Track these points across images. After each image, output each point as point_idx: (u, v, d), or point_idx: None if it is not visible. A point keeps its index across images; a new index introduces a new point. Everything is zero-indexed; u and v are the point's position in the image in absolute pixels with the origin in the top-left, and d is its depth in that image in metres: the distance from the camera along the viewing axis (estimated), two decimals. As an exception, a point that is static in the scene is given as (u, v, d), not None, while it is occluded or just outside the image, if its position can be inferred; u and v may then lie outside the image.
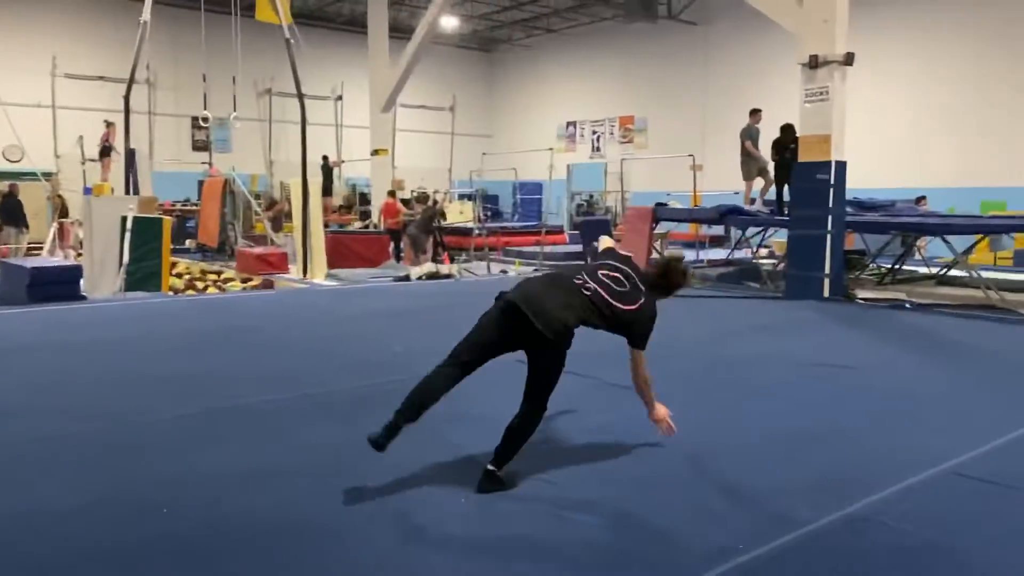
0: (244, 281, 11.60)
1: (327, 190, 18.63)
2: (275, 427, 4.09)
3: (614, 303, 3.33)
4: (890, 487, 3.21)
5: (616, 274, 3.45)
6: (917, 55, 17.00)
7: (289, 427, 4.08)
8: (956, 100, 16.37)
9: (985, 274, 9.50)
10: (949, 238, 9.58)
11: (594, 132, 24.83)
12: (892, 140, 16.97)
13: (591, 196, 24.12)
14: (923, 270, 11.76)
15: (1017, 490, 3.19)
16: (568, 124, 25.52)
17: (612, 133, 24.26)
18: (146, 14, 11.54)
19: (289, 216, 14.31)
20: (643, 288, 3.46)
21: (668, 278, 3.52)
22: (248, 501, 3.09)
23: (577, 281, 3.37)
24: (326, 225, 16.09)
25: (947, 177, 16.24)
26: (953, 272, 11.13)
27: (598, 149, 24.66)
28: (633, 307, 3.38)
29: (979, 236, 11.15)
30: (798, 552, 2.66)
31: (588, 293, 3.33)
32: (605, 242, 3.90)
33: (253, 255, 12.36)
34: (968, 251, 10.84)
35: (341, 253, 12.51)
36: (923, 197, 14.89)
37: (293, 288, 10.73)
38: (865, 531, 2.82)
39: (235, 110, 16.21)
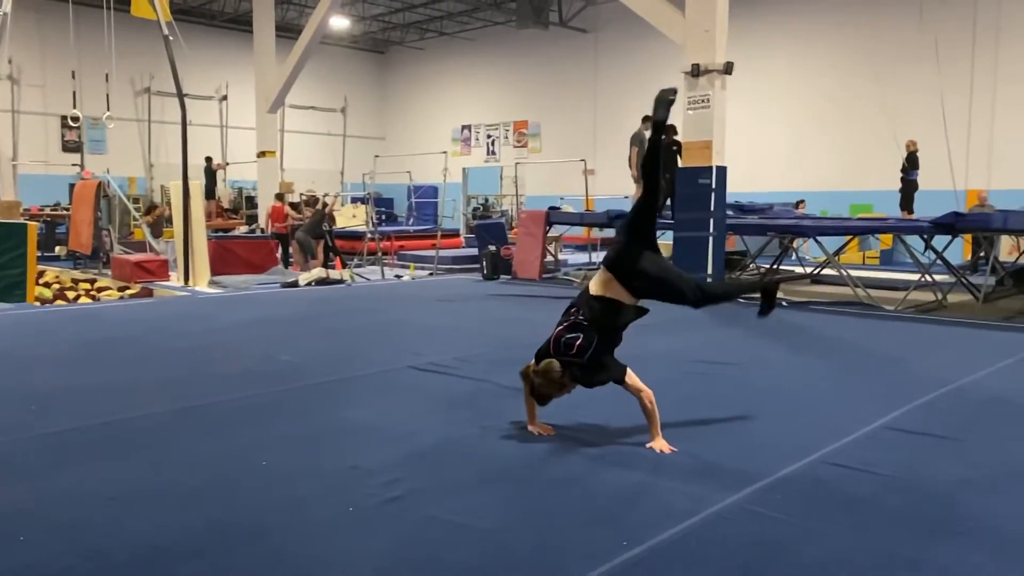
0: (121, 290, 10.98)
1: (210, 193, 17.96)
2: (151, 443, 3.86)
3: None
4: (766, 478, 3.34)
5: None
6: (793, 66, 17.96)
7: (166, 443, 3.87)
8: (828, 109, 17.39)
9: (854, 273, 10.11)
10: (822, 239, 10.13)
11: (489, 136, 24.95)
12: (771, 146, 17.85)
13: (487, 200, 24.23)
14: (799, 269, 12.43)
15: (880, 476, 3.39)
16: (463, 128, 25.54)
17: (507, 137, 24.45)
18: (6, 5, 10.79)
19: (170, 221, 13.68)
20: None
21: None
22: (119, 524, 2.90)
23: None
24: (224, 231, 15.51)
25: (821, 181, 17.23)
26: (826, 271, 11.82)
27: (493, 153, 24.79)
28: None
29: (849, 237, 11.89)
30: (679, 546, 2.73)
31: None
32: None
33: (130, 262, 11.73)
34: (839, 251, 11.53)
35: (226, 259, 12.05)
36: (802, 201, 15.76)
37: (174, 296, 10.24)
38: (742, 522, 2.92)
39: (108, 109, 15.34)
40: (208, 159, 18.59)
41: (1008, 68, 15.16)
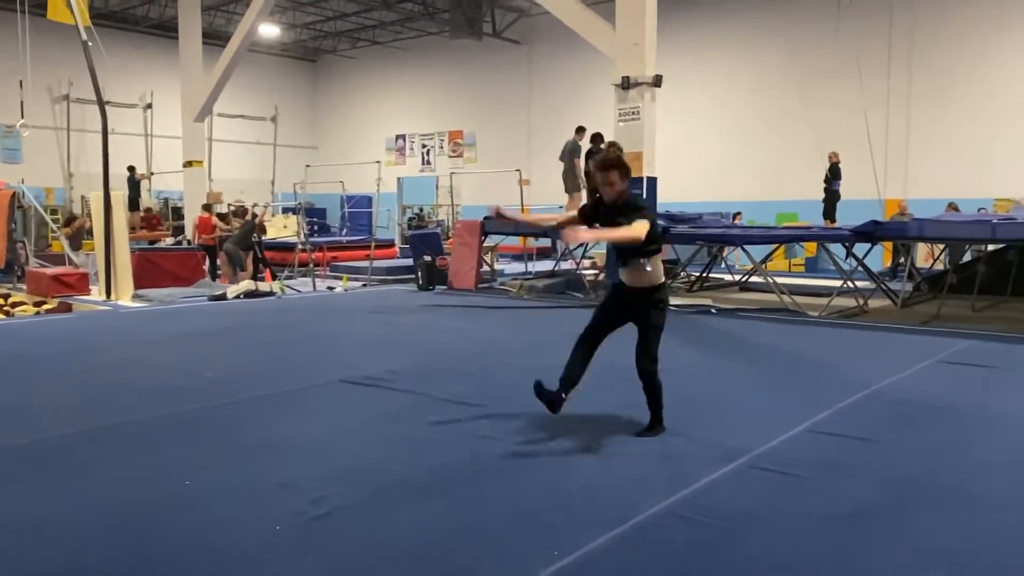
0: (37, 305, 10.50)
1: (134, 204, 17.38)
2: (67, 465, 3.69)
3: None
4: (694, 483, 3.39)
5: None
6: (721, 80, 18.44)
7: (84, 465, 3.70)
8: (755, 122, 17.91)
9: (780, 280, 10.40)
10: (749, 248, 10.39)
11: (424, 146, 24.84)
12: (700, 157, 18.26)
13: (422, 209, 24.10)
14: (728, 277, 12.73)
15: (803, 478, 3.48)
16: (397, 137, 25.38)
17: (442, 147, 24.39)
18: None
19: (90, 233, 13.17)
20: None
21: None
22: (28, 552, 2.76)
23: None
24: (150, 242, 14.97)
25: (749, 191, 17.72)
26: (754, 279, 12.12)
27: (428, 163, 24.69)
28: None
29: (775, 246, 12.23)
30: (610, 553, 2.74)
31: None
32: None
33: (47, 276, 11.24)
34: (766, 259, 11.85)
35: (150, 272, 11.67)
36: (739, 213, 16.20)
37: (94, 311, 9.86)
38: (672, 527, 2.95)
39: (23, 117, 14.70)
40: (131, 168, 18.00)
41: (921, 81, 15.90)
